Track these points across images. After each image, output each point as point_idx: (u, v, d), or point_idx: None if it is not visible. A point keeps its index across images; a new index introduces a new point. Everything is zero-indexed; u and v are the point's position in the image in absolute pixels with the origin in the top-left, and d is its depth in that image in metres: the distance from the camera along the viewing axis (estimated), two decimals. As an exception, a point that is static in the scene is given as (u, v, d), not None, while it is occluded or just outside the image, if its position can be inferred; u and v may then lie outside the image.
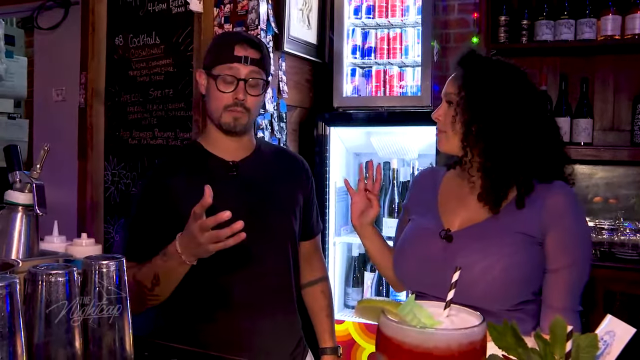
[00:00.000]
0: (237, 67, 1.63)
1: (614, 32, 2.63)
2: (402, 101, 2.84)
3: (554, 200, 1.45)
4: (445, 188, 1.63)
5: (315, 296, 1.93)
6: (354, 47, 2.94)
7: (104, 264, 0.95)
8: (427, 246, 1.52)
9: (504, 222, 1.46)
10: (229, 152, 1.74)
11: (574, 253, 1.45)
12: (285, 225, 1.78)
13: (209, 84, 1.67)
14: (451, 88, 1.53)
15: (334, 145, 2.96)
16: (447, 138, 1.53)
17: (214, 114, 1.68)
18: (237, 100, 1.64)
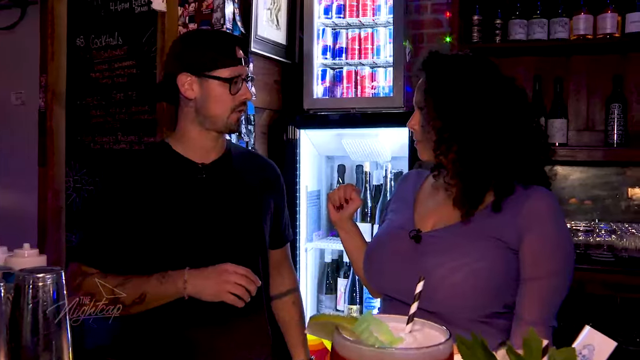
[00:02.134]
0: (240, 69, 1.65)
1: (587, 32, 2.62)
2: (374, 102, 2.80)
3: (532, 204, 1.38)
4: (424, 190, 1.60)
5: (286, 308, 1.89)
6: (324, 47, 2.90)
7: (39, 277, 0.88)
8: (395, 246, 1.48)
9: (477, 226, 1.41)
10: (199, 153, 1.70)
11: (551, 262, 1.38)
12: (256, 233, 1.74)
13: (208, 86, 1.63)
14: (419, 95, 1.48)
15: (304, 149, 2.91)
16: (423, 147, 1.49)
17: (218, 117, 1.66)
18: (244, 100, 1.66)
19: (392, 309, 1.48)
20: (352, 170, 3.08)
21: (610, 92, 2.70)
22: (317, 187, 3.08)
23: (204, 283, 1.52)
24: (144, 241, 1.62)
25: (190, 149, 1.69)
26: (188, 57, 1.64)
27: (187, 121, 1.69)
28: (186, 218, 1.64)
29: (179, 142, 1.71)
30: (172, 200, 1.64)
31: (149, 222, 1.62)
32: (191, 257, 1.59)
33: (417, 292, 0.80)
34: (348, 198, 1.60)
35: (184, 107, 1.68)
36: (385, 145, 2.84)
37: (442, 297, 1.37)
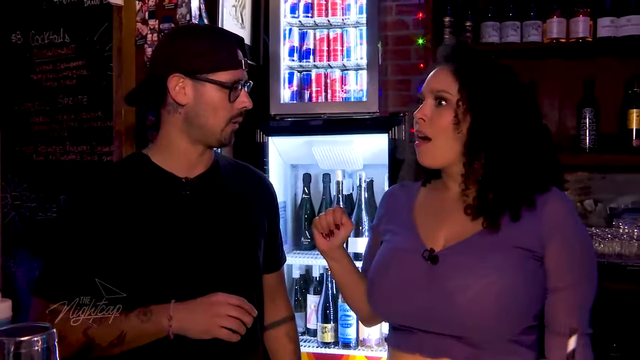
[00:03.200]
0: (241, 74, 1.46)
1: (560, 35, 2.61)
2: (346, 107, 2.66)
3: (552, 208, 1.31)
4: (421, 204, 1.46)
5: (280, 340, 1.71)
6: (291, 48, 2.73)
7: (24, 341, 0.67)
8: (407, 270, 1.34)
9: (497, 237, 1.31)
10: (183, 166, 1.49)
11: (578, 268, 1.32)
12: (249, 258, 1.56)
13: (205, 92, 1.43)
14: (443, 84, 1.35)
15: (270, 157, 2.72)
16: (435, 147, 1.35)
17: (212, 127, 1.45)
18: (243, 109, 1.47)
19: (404, 337, 1.35)
20: (318, 179, 2.93)
21: (582, 97, 2.70)
22: (282, 198, 2.90)
23: (192, 318, 1.34)
24: (119, 270, 1.40)
25: (172, 161, 1.49)
26: (182, 57, 1.43)
27: (173, 130, 1.48)
28: (169, 241, 1.43)
29: (159, 154, 1.50)
30: (152, 221, 1.44)
31: (126, 248, 1.41)
32: (176, 288, 1.39)
33: (571, 350, 0.64)
34: (338, 223, 1.43)
35: (171, 113, 1.47)
36: (358, 152, 2.70)
37: (472, 321, 1.26)
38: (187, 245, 1.44)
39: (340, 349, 2.65)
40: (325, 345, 2.67)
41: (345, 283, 1.52)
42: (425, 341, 1.31)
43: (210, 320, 1.34)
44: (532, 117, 1.37)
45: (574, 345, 0.69)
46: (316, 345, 2.69)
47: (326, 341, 2.67)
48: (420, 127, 1.36)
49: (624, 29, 2.54)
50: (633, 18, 2.52)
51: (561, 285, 1.29)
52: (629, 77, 2.64)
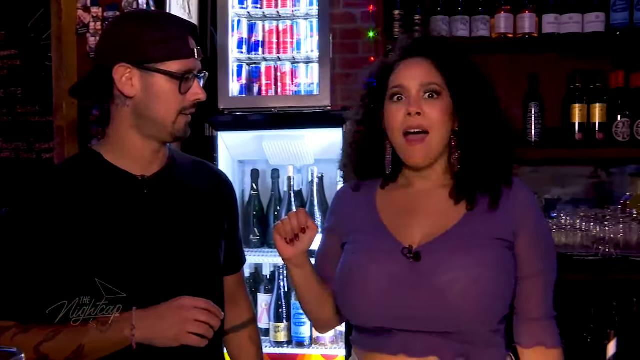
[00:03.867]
0: (193, 64, 1.36)
1: (507, 31, 2.66)
2: (297, 101, 2.61)
3: (521, 199, 1.38)
4: (385, 204, 1.43)
5: (242, 344, 1.65)
6: (239, 40, 2.65)
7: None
8: (389, 270, 1.31)
9: (475, 228, 1.33)
10: (140, 165, 1.41)
11: (546, 255, 1.40)
12: (211, 259, 1.50)
13: (153, 82, 1.34)
14: (431, 77, 1.35)
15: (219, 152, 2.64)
16: (432, 141, 1.35)
17: (162, 120, 1.36)
18: (196, 101, 1.38)
19: (385, 339, 1.32)
20: (266, 174, 2.87)
21: (528, 91, 2.76)
22: (231, 195, 2.81)
23: (157, 325, 1.27)
24: (74, 278, 1.31)
25: (127, 159, 1.40)
26: (129, 45, 1.34)
27: (123, 125, 1.39)
28: (127, 244, 1.35)
29: (112, 151, 1.41)
30: (109, 222, 1.35)
31: (79, 253, 1.31)
32: (136, 294, 1.31)
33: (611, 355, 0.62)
34: (304, 226, 1.34)
35: (120, 107, 1.38)
36: (309, 147, 2.66)
37: (462, 315, 1.26)
38: (146, 247, 1.36)
39: (294, 348, 2.61)
40: (278, 344, 2.62)
41: (307, 290, 1.44)
42: (410, 341, 1.29)
43: (177, 327, 1.27)
44: (499, 109, 1.42)
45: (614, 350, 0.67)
46: (269, 345, 2.64)
47: (279, 340, 2.62)
48: (416, 122, 1.33)
49: (566, 26, 2.62)
50: (574, 16, 2.60)
51: (532, 273, 1.35)
52: (571, 73, 2.72)
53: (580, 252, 2.57)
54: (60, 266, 1.30)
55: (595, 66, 2.74)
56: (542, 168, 2.88)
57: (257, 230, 2.84)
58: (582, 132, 2.65)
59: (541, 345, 1.36)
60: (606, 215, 2.64)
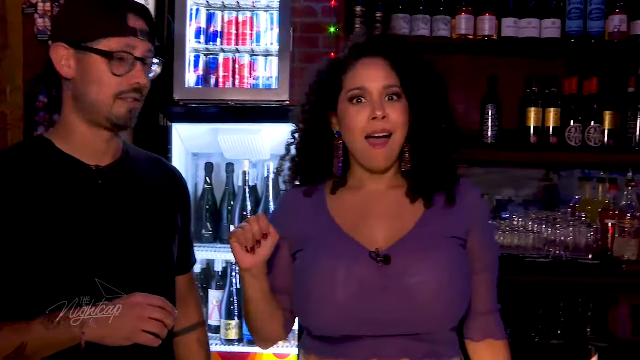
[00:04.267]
0: (132, 43, 1.27)
1: (468, 32, 2.68)
2: (255, 94, 2.57)
3: (473, 198, 1.42)
4: (337, 207, 1.40)
5: (191, 347, 1.60)
6: (197, 30, 2.59)
7: None
8: (358, 276, 1.28)
9: (435, 228, 1.35)
10: (93, 155, 1.36)
11: (493, 253, 1.45)
12: (165, 256, 1.45)
13: (86, 62, 1.28)
14: (391, 80, 1.34)
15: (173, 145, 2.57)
16: (394, 143, 1.35)
17: (98, 103, 1.29)
18: (135, 85, 1.29)
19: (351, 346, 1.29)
20: (221, 168, 2.82)
21: (486, 93, 2.79)
22: (184, 189, 2.75)
23: (109, 324, 1.21)
24: (20, 272, 1.25)
25: (78, 147, 1.34)
26: (66, 24, 1.30)
27: (68, 110, 1.34)
28: (80, 236, 1.29)
29: (63, 139, 1.35)
30: (60, 213, 1.29)
31: (28, 245, 1.25)
32: (87, 290, 1.25)
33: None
34: (265, 232, 1.27)
35: (65, 91, 1.33)
36: (266, 142, 2.62)
37: (435, 315, 1.28)
38: (99, 241, 1.31)
39: (245, 346, 2.57)
40: (229, 342, 2.57)
41: (262, 304, 1.35)
42: (380, 345, 1.27)
43: (131, 325, 1.22)
44: (450, 108, 1.44)
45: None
46: (220, 342, 2.59)
47: (230, 338, 2.58)
48: (381, 126, 1.31)
49: (524, 30, 2.66)
50: (533, 21, 2.65)
51: (481, 269, 1.39)
52: (528, 76, 2.76)
53: (532, 254, 2.61)
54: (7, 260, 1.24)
55: (552, 70, 2.79)
56: (496, 169, 2.92)
57: (210, 225, 2.79)
58: (537, 136, 2.70)
59: (491, 337, 1.41)
60: (557, 218, 2.69)
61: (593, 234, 2.61)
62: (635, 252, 2.57)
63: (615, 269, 2.53)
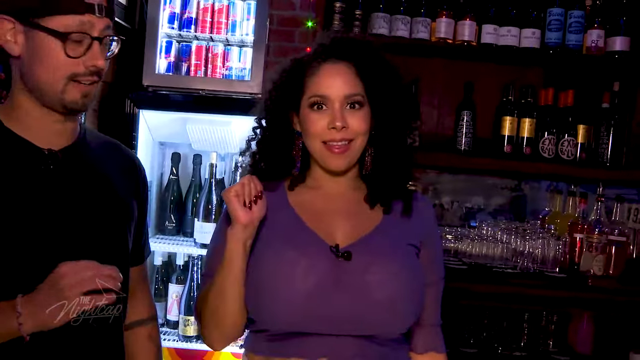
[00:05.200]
0: (89, 20, 1.20)
1: (447, 36, 2.67)
2: (227, 85, 2.54)
3: (427, 213, 1.47)
4: (299, 203, 1.39)
5: (141, 342, 1.55)
6: (171, 14, 2.55)
7: None
8: (316, 269, 1.27)
9: (393, 233, 1.37)
10: (46, 137, 1.29)
11: (440, 267, 1.48)
12: (119, 245, 1.40)
13: (36, 40, 1.20)
14: (353, 88, 1.33)
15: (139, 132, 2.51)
16: (355, 148, 1.35)
17: (47, 86, 1.22)
18: (92, 68, 1.21)
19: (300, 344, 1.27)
20: (188, 159, 2.77)
21: (462, 99, 2.78)
22: (148, 178, 2.69)
23: (43, 306, 1.13)
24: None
25: (30, 129, 1.27)
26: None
27: (17, 89, 1.28)
28: (28, 224, 1.23)
29: (13, 119, 1.28)
30: (7, 198, 1.22)
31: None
32: (33, 280, 1.18)
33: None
34: (258, 194, 1.27)
35: (13, 68, 1.26)
36: (235, 134, 2.58)
37: (388, 314, 1.28)
38: (49, 228, 1.25)
39: (203, 343, 2.50)
40: (187, 339, 2.52)
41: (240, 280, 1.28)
42: (332, 345, 1.25)
43: (64, 297, 1.13)
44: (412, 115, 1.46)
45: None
46: (177, 339, 2.54)
47: (188, 335, 2.53)
48: (340, 135, 1.31)
49: (504, 38, 2.66)
50: (512, 29, 2.65)
51: (431, 281, 1.41)
52: (505, 84, 2.77)
53: (500, 264, 2.62)
54: None
55: (529, 80, 2.81)
56: (467, 176, 2.93)
57: (174, 217, 2.75)
58: (511, 145, 2.70)
59: (434, 350, 1.45)
60: (526, 229, 2.70)
61: (561, 247, 2.63)
62: (602, 267, 2.59)
63: (580, 283, 2.55)
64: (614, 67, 2.74)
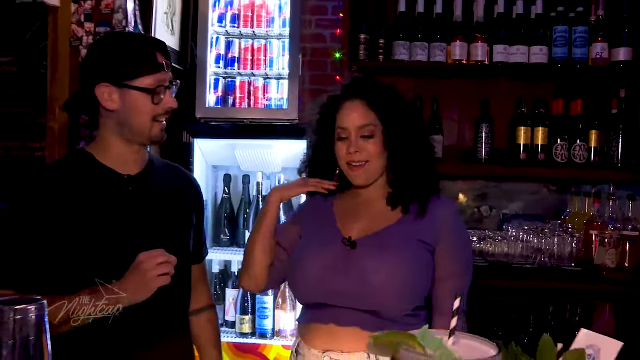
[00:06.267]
0: (162, 77, 1.61)
1: (462, 58, 2.99)
2: (268, 114, 2.93)
3: (444, 213, 1.70)
4: (339, 207, 1.80)
5: (202, 325, 1.93)
6: (217, 56, 2.97)
7: (20, 309, 0.86)
8: (327, 255, 1.66)
9: (403, 230, 1.68)
10: (126, 165, 1.69)
11: (461, 262, 1.69)
12: (182, 246, 1.79)
13: (129, 97, 1.60)
14: (365, 119, 1.69)
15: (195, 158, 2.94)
16: (370, 168, 1.70)
17: (139, 128, 1.63)
18: (169, 109, 1.63)
19: (320, 312, 1.64)
20: (238, 180, 3.17)
21: (480, 113, 3.10)
22: (204, 197, 3.10)
23: (132, 286, 1.54)
24: (67, 258, 1.59)
25: (114, 160, 1.68)
26: (106, 66, 1.61)
27: (108, 132, 1.67)
28: (115, 233, 1.63)
29: (102, 153, 1.68)
30: (99, 214, 1.63)
31: (73, 238, 1.59)
32: (119, 271, 1.58)
33: (455, 308, 0.94)
34: None
35: (105, 118, 1.66)
36: (277, 156, 2.97)
37: (382, 297, 1.59)
38: (131, 235, 1.64)
39: (257, 339, 2.90)
40: (243, 335, 2.91)
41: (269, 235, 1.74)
42: (341, 314, 1.61)
43: (147, 278, 1.53)
44: (424, 133, 1.78)
45: (458, 305, 0.97)
46: (234, 336, 2.93)
47: (244, 332, 2.92)
48: (357, 158, 1.67)
49: (514, 56, 2.95)
50: (521, 48, 2.94)
51: (447, 275, 1.65)
52: (518, 98, 3.07)
53: (519, 261, 2.90)
54: (52, 247, 1.56)
55: (539, 93, 3.10)
56: (495, 184, 3.22)
57: (228, 231, 3.14)
58: (527, 153, 2.99)
59: None
60: (545, 229, 2.98)
61: (576, 243, 2.88)
62: (615, 260, 2.83)
63: (595, 275, 2.80)
64: (619, 76, 2.98)
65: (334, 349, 1.61)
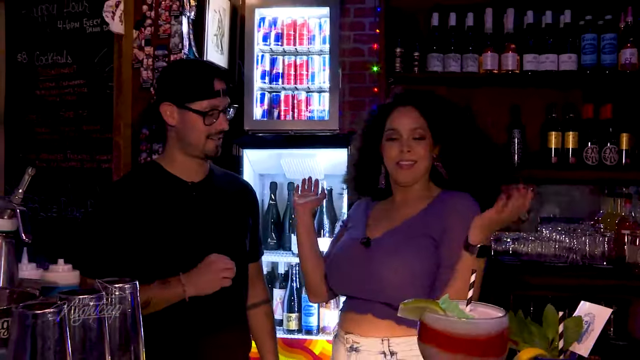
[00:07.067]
0: (216, 102, 1.85)
1: (493, 67, 3.16)
2: (311, 125, 3.17)
3: (450, 204, 1.80)
4: (375, 211, 1.98)
5: (259, 318, 2.15)
6: (262, 72, 3.22)
7: (116, 287, 1.07)
8: (349, 253, 1.87)
9: (416, 225, 1.82)
10: (189, 173, 1.94)
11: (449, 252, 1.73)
12: (240, 247, 2.02)
13: (186, 116, 1.85)
14: (416, 123, 1.85)
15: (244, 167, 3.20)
16: (418, 168, 1.85)
17: (194, 143, 1.88)
18: (220, 130, 1.87)
19: (349, 302, 1.87)
20: (283, 187, 3.41)
21: (511, 119, 3.27)
22: (252, 203, 3.37)
23: (200, 280, 1.78)
24: (142, 254, 1.84)
25: (179, 169, 1.92)
26: (169, 87, 1.87)
27: (171, 145, 1.92)
28: (182, 233, 1.88)
29: (169, 163, 1.93)
30: (168, 216, 1.87)
31: (147, 237, 1.84)
32: (185, 268, 1.82)
33: (471, 282, 1.09)
34: None
35: (169, 132, 1.91)
36: (320, 164, 3.21)
37: (392, 290, 1.74)
38: (195, 235, 1.89)
39: (303, 335, 3.14)
40: (290, 332, 3.15)
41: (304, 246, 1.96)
42: (357, 303, 1.82)
43: (215, 276, 1.79)
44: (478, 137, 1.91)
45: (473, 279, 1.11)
46: (282, 332, 3.16)
47: (291, 329, 3.15)
48: (407, 157, 1.83)
49: (543, 64, 3.11)
50: (551, 56, 3.10)
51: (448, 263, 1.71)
52: (548, 104, 3.23)
53: (552, 260, 3.05)
54: (129, 245, 1.82)
55: (569, 99, 3.25)
56: (537, 188, 3.36)
57: (274, 235, 3.38)
58: (557, 157, 3.14)
59: None
60: (577, 229, 3.12)
61: (608, 243, 3.01)
62: (646, 258, 2.96)
63: (628, 272, 2.92)
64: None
65: (354, 332, 1.80)
